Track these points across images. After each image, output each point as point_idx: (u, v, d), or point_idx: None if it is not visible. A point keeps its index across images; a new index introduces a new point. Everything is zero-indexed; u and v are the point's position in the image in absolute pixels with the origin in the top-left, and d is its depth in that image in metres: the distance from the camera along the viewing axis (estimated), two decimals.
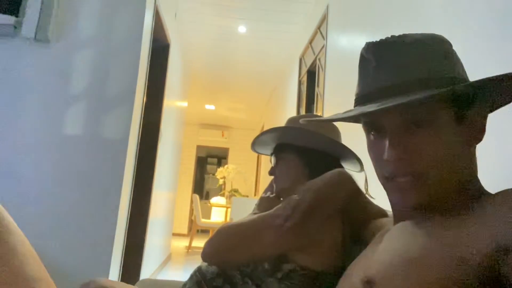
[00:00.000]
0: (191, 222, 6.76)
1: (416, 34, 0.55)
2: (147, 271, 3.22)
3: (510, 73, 0.47)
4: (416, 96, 0.48)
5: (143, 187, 3.00)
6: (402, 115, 0.52)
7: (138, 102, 2.38)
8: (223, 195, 7.27)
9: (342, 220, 0.87)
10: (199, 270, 0.89)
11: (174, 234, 6.34)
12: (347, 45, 2.46)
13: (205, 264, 0.89)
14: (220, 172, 6.96)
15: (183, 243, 6.34)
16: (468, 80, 0.56)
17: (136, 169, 2.50)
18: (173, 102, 3.93)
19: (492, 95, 0.54)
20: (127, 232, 2.43)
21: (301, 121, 0.79)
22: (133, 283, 2.97)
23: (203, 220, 5.98)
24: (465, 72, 0.57)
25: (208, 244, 0.85)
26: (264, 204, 1.02)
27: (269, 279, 0.82)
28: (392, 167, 0.53)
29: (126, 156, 2.20)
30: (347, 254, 0.86)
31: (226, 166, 7.34)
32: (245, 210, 5.31)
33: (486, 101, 0.55)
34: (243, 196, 6.42)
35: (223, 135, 8.28)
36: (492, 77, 0.49)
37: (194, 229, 5.83)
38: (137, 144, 2.45)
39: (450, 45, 0.57)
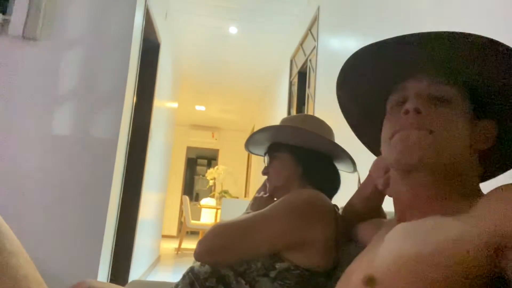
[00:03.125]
0: (181, 223, 6.71)
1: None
2: (136, 273, 3.19)
3: None
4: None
5: (132, 188, 2.97)
6: (431, 86, 0.56)
7: (128, 102, 2.35)
8: (213, 196, 7.24)
9: (336, 219, 0.87)
10: (191, 270, 0.88)
11: (164, 236, 6.29)
12: (338, 47, 2.48)
13: (197, 264, 0.88)
14: (210, 173, 6.93)
15: (172, 244, 6.29)
16: None
17: (126, 170, 2.47)
18: (163, 103, 3.90)
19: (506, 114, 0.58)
20: (116, 233, 2.40)
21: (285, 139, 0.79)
22: (123, 285, 2.93)
23: (192, 221, 5.95)
24: None
25: (200, 243, 0.84)
26: (257, 204, 1.02)
27: (262, 278, 0.82)
28: (406, 118, 0.54)
29: (115, 157, 2.18)
30: (340, 253, 0.86)
31: (216, 167, 7.32)
32: (236, 211, 5.28)
33: (500, 118, 0.58)
34: (233, 197, 6.40)
35: (213, 136, 8.25)
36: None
37: (184, 231, 5.80)
38: (126, 144, 2.43)
39: None
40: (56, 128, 2.15)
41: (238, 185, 7.54)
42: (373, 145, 0.72)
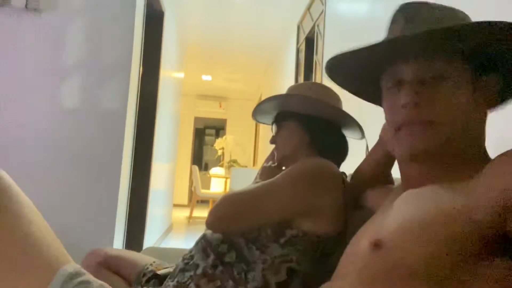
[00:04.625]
0: (191, 193, 6.83)
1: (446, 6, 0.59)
2: (149, 241, 3.29)
3: None
4: (437, 28, 0.51)
5: (143, 159, 3.00)
6: (422, 67, 0.55)
7: (134, 72, 2.34)
8: (222, 166, 7.32)
9: (344, 185, 0.88)
10: (204, 237, 0.91)
11: (175, 205, 6.43)
12: (347, 10, 2.40)
13: (209, 231, 0.90)
14: (219, 143, 6.96)
15: (183, 213, 6.44)
16: None
17: (135, 141, 2.49)
18: (169, 73, 3.87)
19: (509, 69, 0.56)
20: (129, 202, 2.46)
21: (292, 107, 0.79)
22: (137, 252, 3.04)
23: (203, 191, 6.05)
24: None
25: (212, 212, 0.86)
26: (265, 173, 1.03)
27: (272, 244, 0.84)
28: (406, 113, 0.55)
29: (124, 128, 2.19)
30: (349, 219, 0.88)
31: (224, 137, 7.34)
32: (245, 181, 5.34)
33: (503, 74, 0.57)
34: (242, 166, 6.46)
35: (220, 106, 8.23)
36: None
37: (194, 200, 5.92)
38: (135, 115, 2.44)
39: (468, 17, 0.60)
40: (64, 101, 2.16)
41: (247, 154, 7.60)
42: (376, 100, 0.71)
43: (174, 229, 5.04)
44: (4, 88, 2.09)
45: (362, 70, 0.64)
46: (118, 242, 2.25)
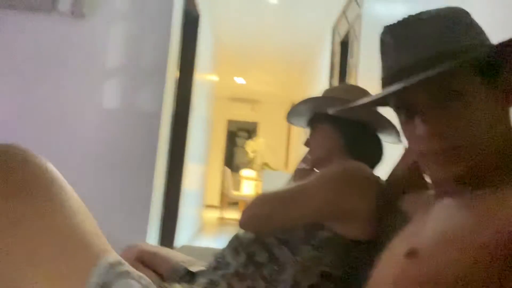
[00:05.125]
0: (223, 194, 6.91)
1: (432, 9, 0.54)
2: (181, 240, 3.35)
3: None
4: (434, 70, 0.48)
5: (176, 159, 3.07)
6: (428, 90, 0.51)
7: (171, 75, 2.40)
8: (252, 168, 7.36)
9: (379, 189, 0.86)
10: (236, 237, 0.91)
11: (206, 206, 6.52)
12: (384, 12, 2.35)
13: (242, 231, 0.91)
14: (250, 145, 7.00)
15: (214, 214, 6.52)
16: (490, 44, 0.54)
17: (170, 142, 2.55)
18: (203, 76, 3.94)
19: None
20: (163, 201, 2.52)
21: (329, 111, 0.79)
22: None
23: (234, 192, 6.10)
24: (487, 38, 0.55)
25: (245, 211, 0.87)
26: (299, 176, 1.03)
27: (304, 246, 0.83)
28: (426, 142, 0.52)
29: (159, 128, 2.26)
30: (383, 224, 0.85)
31: (256, 139, 7.37)
32: (277, 183, 5.33)
33: None
34: (274, 169, 6.45)
35: (253, 109, 8.27)
36: None
37: (225, 201, 5.97)
38: (171, 117, 2.50)
39: (468, 14, 0.55)
40: (103, 102, 2.25)
41: (278, 158, 7.58)
42: None
43: (205, 229, 5.10)
44: (51, 90, 2.21)
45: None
46: (151, 240, 2.31)
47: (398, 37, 0.54)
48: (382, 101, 0.59)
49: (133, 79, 2.26)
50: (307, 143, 1.02)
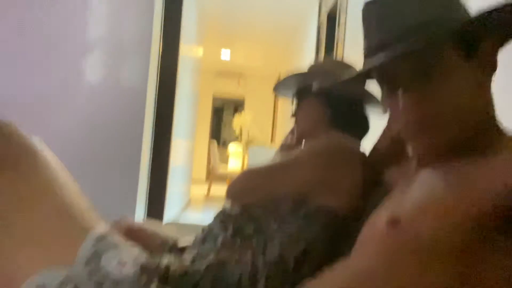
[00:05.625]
0: (209, 169, 6.92)
1: None
2: (168, 215, 3.37)
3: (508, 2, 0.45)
4: (415, 43, 0.49)
5: (162, 134, 3.04)
6: (409, 63, 0.53)
7: (155, 48, 2.34)
8: (239, 141, 7.36)
9: (363, 162, 0.88)
10: (223, 211, 0.92)
11: (193, 180, 6.54)
12: None
13: (228, 206, 0.92)
14: (237, 120, 6.97)
15: (202, 188, 6.55)
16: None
17: (156, 117, 2.52)
18: (189, 49, 3.86)
19: (501, 28, 0.52)
20: (150, 177, 2.52)
21: (314, 86, 0.79)
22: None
23: (220, 168, 6.11)
24: (468, 12, 0.56)
25: (232, 184, 0.89)
26: (285, 149, 1.04)
27: (290, 217, 0.85)
28: (408, 112, 0.54)
29: (145, 103, 2.22)
30: (366, 198, 0.87)
31: (242, 112, 7.32)
32: (263, 159, 5.36)
33: (495, 35, 0.54)
34: (260, 144, 6.47)
35: (239, 84, 8.19)
36: (491, 9, 0.47)
37: (212, 177, 5.99)
38: (155, 91, 2.46)
39: None
40: (87, 77, 2.19)
41: (264, 132, 7.59)
42: None
43: (192, 204, 5.14)
44: (31, 60, 2.13)
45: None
46: (139, 214, 2.33)
47: (379, 12, 0.55)
48: (365, 75, 0.60)
49: (117, 53, 2.20)
50: (293, 115, 1.02)
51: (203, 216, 4.41)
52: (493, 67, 0.54)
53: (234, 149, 7.13)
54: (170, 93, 3.10)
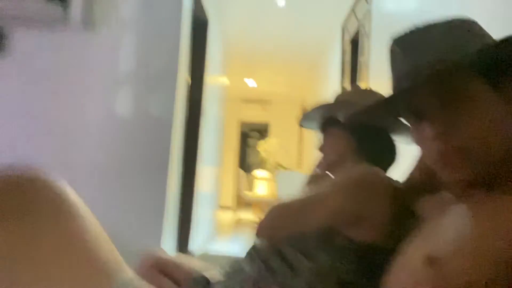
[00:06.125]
0: (237, 195, 6.91)
1: (440, 19, 0.56)
2: (196, 242, 3.36)
3: None
4: (440, 68, 0.49)
5: (189, 162, 3.08)
6: (435, 92, 0.52)
7: (181, 79, 2.42)
8: (265, 168, 7.36)
9: (394, 193, 0.85)
10: (254, 247, 0.92)
11: (221, 207, 6.54)
12: (394, 8, 2.32)
13: (259, 241, 0.91)
14: (262, 145, 6.98)
15: (229, 215, 6.54)
16: None
17: (184, 145, 2.57)
18: (214, 78, 3.96)
19: None
20: (179, 210, 2.54)
21: (340, 117, 0.79)
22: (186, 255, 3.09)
23: (247, 193, 6.10)
24: (492, 39, 0.55)
25: (262, 221, 0.88)
26: (314, 180, 1.03)
27: (319, 252, 0.83)
28: (435, 144, 0.53)
29: (171, 132, 2.27)
30: (399, 230, 0.84)
31: (267, 139, 7.34)
32: (291, 184, 5.32)
33: None
34: (287, 169, 6.44)
35: (264, 110, 8.27)
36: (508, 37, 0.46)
37: (240, 202, 5.98)
38: (183, 121, 2.51)
39: (476, 23, 0.57)
40: (118, 110, 2.28)
41: (291, 157, 7.56)
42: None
43: (220, 231, 5.11)
44: (67, 99, 2.25)
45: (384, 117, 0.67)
46: (166, 244, 2.33)
47: (405, 45, 0.56)
48: (391, 106, 0.60)
49: (145, 86, 2.28)
50: (320, 148, 1.02)
51: (232, 244, 4.36)
52: None
53: (261, 174, 7.13)
54: (196, 122, 3.17)
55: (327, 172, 1.02)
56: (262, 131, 9.27)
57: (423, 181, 0.80)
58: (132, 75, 2.29)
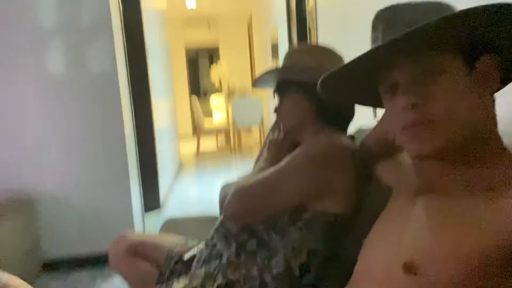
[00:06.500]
0: (194, 123, 6.79)
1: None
2: (163, 186, 3.34)
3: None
4: (415, 27, 0.49)
5: (141, 100, 2.90)
6: (412, 66, 0.55)
7: (116, 18, 2.14)
8: (221, 92, 7.21)
9: (354, 161, 0.87)
10: (223, 223, 0.93)
11: (181, 136, 6.47)
12: None
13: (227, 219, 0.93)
14: (214, 71, 6.74)
15: (190, 146, 6.51)
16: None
17: (130, 82, 2.37)
18: (151, 4, 3.57)
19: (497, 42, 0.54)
20: (137, 151, 2.44)
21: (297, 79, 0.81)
22: (155, 203, 3.11)
23: (206, 124, 6.02)
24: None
25: (228, 206, 0.87)
26: (275, 146, 1.01)
27: (290, 228, 0.85)
28: (406, 116, 0.54)
29: (117, 75, 2.08)
30: (360, 193, 0.88)
31: (218, 62, 7.05)
32: (246, 111, 5.30)
33: (496, 51, 0.55)
34: (241, 94, 6.32)
35: (210, 31, 7.80)
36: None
37: (199, 134, 5.92)
38: (124, 56, 2.29)
39: (452, 7, 0.59)
40: (55, 62, 2.03)
41: (244, 79, 7.41)
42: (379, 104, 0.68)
43: (184, 167, 5.10)
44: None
45: (355, 83, 0.65)
46: (135, 195, 2.28)
47: (387, 18, 0.58)
48: (366, 77, 0.61)
49: (80, 33, 2.03)
50: (277, 111, 0.99)
51: (197, 181, 4.38)
52: (494, 82, 0.55)
53: (217, 102, 7.02)
54: (139, 53, 2.91)
55: (286, 137, 1.00)
56: (212, 54, 8.89)
57: (381, 147, 0.81)
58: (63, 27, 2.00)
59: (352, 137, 0.96)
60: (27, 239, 1.97)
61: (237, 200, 0.86)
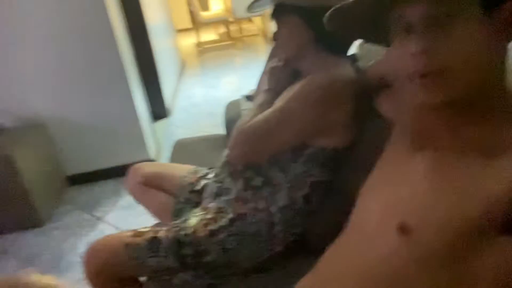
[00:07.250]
0: (192, 14, 6.34)
1: None
2: (168, 90, 3.28)
3: None
4: None
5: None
6: (428, 6, 0.51)
7: None
8: None
9: (355, 93, 0.85)
10: (228, 162, 0.96)
11: (179, 31, 6.15)
12: None
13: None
14: None
15: (190, 39, 6.22)
16: None
17: None
18: None
19: None
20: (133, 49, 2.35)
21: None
22: (161, 110, 3.10)
23: (204, 14, 5.65)
24: None
25: (232, 149, 0.90)
26: (275, 75, 0.99)
27: (293, 164, 0.89)
28: (418, 62, 0.51)
29: None
30: (361, 126, 0.89)
31: None
32: (247, 1, 4.84)
33: None
34: None
35: None
36: None
37: (198, 26, 5.61)
38: None
39: None
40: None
41: None
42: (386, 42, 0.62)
43: (187, 64, 4.95)
44: None
45: (367, 18, 0.59)
46: (140, 103, 2.28)
47: None
48: (379, 13, 0.56)
49: None
50: (275, 37, 0.94)
51: (202, 80, 4.28)
52: (510, 33, 0.51)
53: None
54: None
55: (286, 64, 0.97)
56: None
57: (384, 82, 0.78)
58: None
59: (354, 57, 0.93)
60: (49, 160, 2.08)
61: (240, 143, 0.89)
